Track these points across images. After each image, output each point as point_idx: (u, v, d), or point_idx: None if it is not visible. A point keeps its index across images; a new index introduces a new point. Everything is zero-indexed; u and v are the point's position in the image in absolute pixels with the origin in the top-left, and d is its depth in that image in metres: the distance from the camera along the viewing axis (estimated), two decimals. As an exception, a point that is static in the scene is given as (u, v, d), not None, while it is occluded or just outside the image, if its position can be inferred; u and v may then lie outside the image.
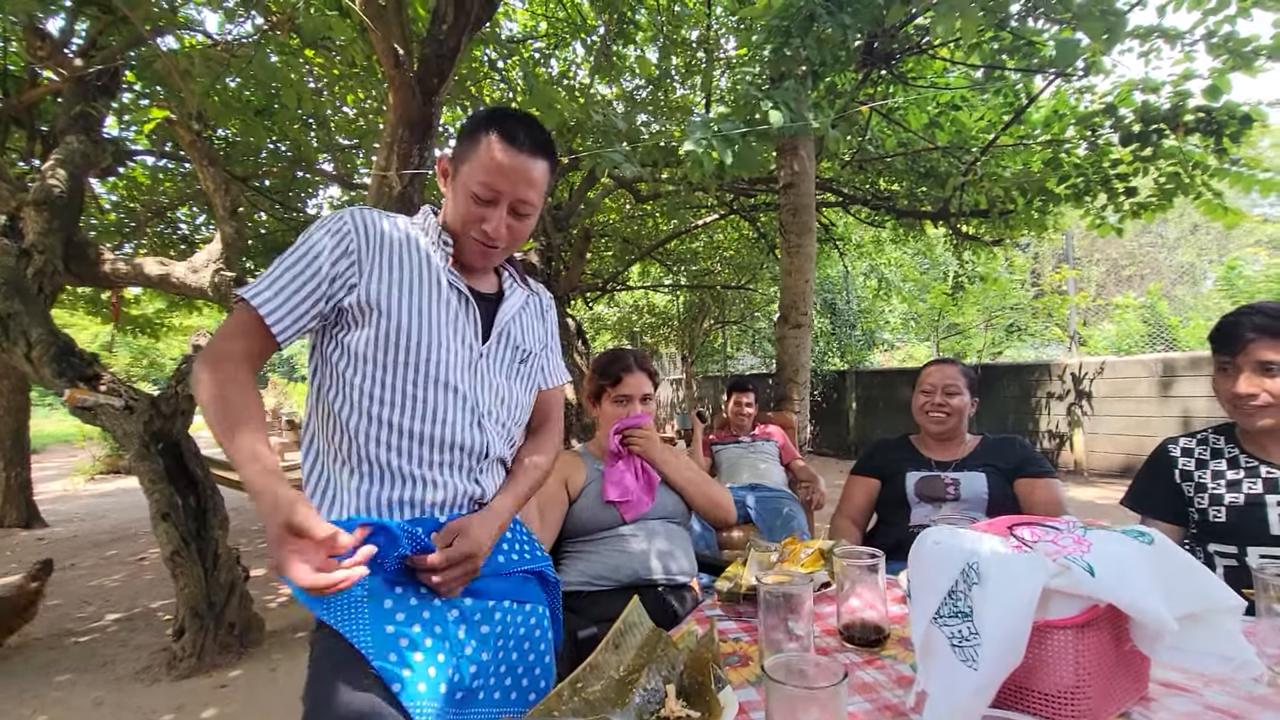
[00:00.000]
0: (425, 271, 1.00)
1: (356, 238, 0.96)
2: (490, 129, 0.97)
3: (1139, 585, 0.69)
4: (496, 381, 1.06)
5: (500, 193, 0.97)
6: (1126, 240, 15.30)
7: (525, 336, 1.13)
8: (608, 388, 1.65)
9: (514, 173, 0.97)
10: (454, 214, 1.02)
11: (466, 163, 0.98)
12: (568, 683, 0.80)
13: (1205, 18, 2.98)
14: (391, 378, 0.96)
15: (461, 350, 1.01)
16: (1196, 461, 1.43)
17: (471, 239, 1.01)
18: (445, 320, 1.00)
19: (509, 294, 1.12)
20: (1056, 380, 6.80)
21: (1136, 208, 3.98)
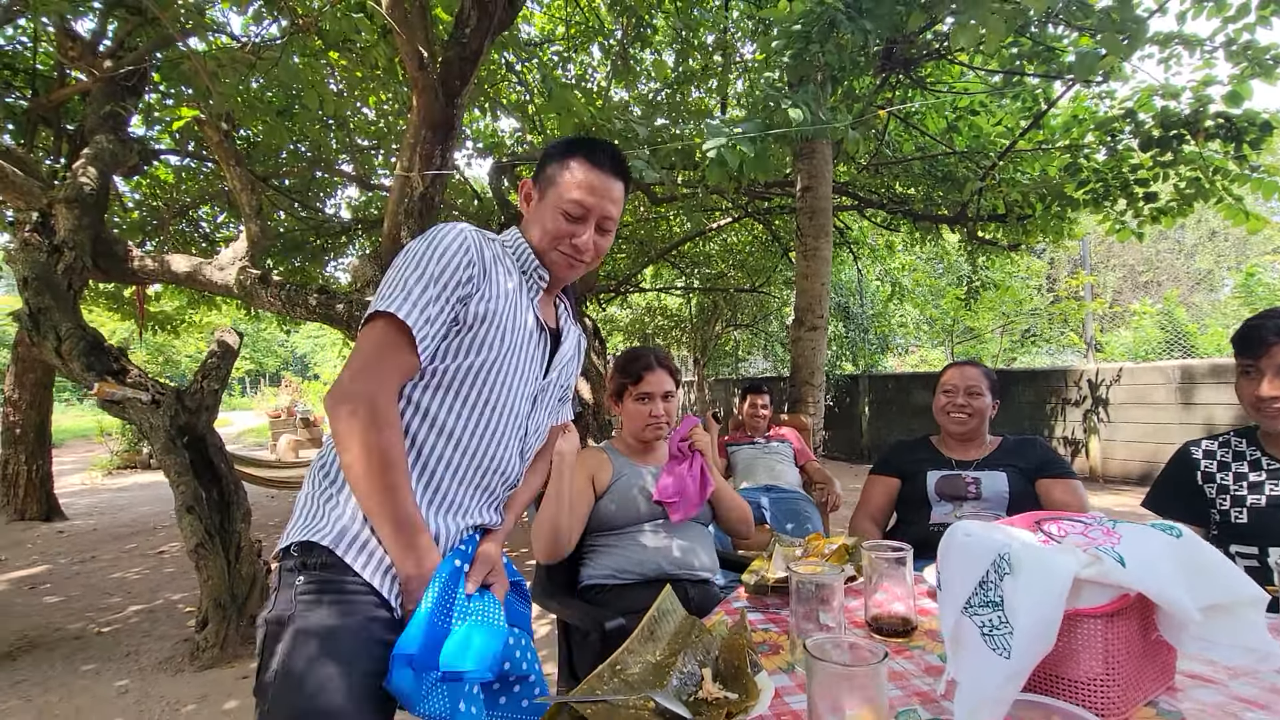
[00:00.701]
0: (519, 297, 1.05)
1: (478, 256, 0.98)
2: (578, 153, 1.05)
3: (1166, 576, 0.71)
4: (541, 416, 1.12)
5: (589, 210, 1.04)
6: (1144, 246, 15.18)
7: (570, 375, 1.20)
8: (630, 386, 1.68)
9: (602, 191, 1.04)
10: (542, 232, 1.05)
11: (555, 185, 1.05)
12: (607, 665, 0.82)
13: (1225, 25, 2.98)
14: (476, 394, 0.98)
15: (531, 378, 1.06)
16: (1218, 463, 1.44)
17: (560, 254, 1.06)
18: (526, 347, 1.04)
19: (565, 331, 1.16)
20: (1073, 387, 6.76)
21: (1156, 213, 3.96)
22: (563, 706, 0.74)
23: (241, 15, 4.84)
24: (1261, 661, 0.79)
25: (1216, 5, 3.07)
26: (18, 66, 4.87)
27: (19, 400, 5.97)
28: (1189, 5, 3.10)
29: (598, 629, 1.33)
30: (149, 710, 2.43)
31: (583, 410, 3.37)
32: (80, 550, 4.95)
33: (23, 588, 4.04)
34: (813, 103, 2.82)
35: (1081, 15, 3.19)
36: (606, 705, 0.72)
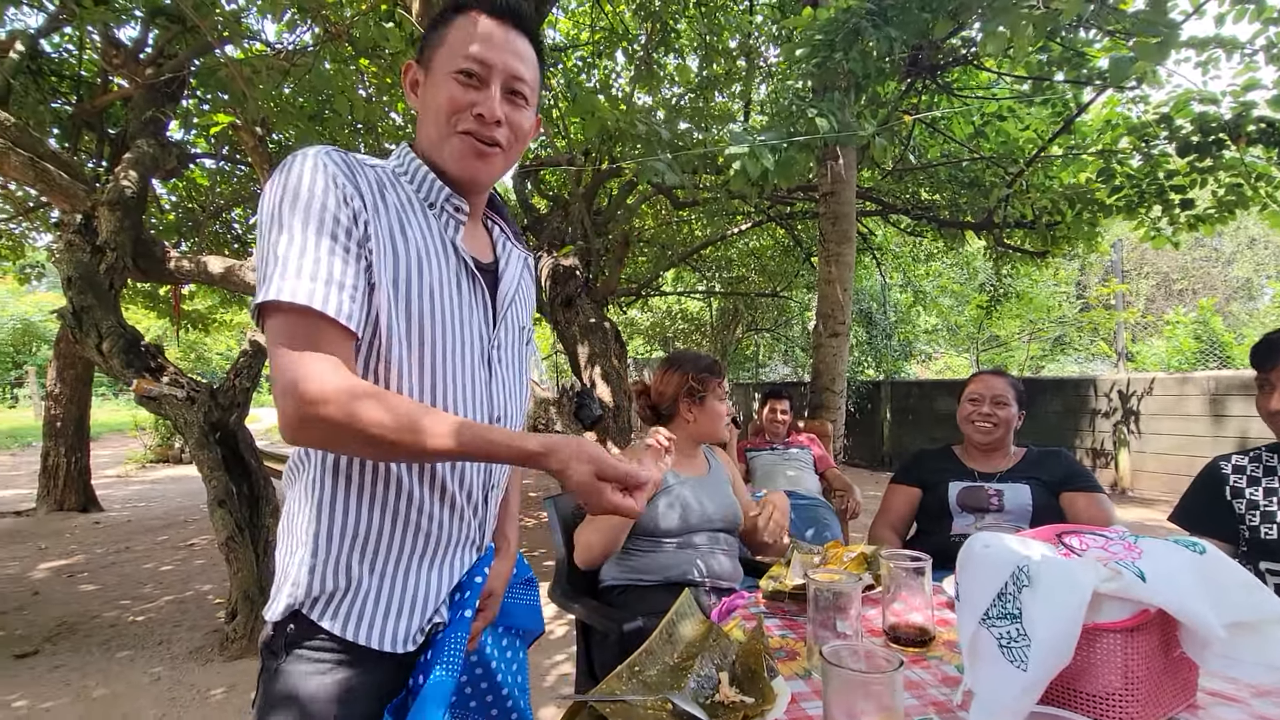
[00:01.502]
0: (429, 237, 0.79)
1: (351, 184, 0.73)
2: (466, 8, 0.80)
3: (1189, 592, 0.71)
4: (507, 377, 0.88)
5: (490, 66, 0.78)
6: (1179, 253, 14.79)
7: (525, 313, 0.95)
8: (716, 385, 1.68)
9: (503, 43, 0.79)
10: (434, 120, 0.80)
11: (440, 48, 0.80)
12: (626, 666, 0.84)
13: (1266, 28, 2.91)
14: (410, 379, 0.76)
15: (474, 343, 0.82)
16: (1248, 479, 1.41)
17: (462, 137, 0.79)
18: (456, 305, 0.80)
19: (505, 260, 0.91)
20: (1103, 397, 6.62)
21: (1194, 220, 3.87)
22: (583, 705, 0.76)
23: (276, 23, 4.97)
24: (1288, 681, 0.78)
25: (1257, 8, 3.00)
26: (64, 73, 5.06)
27: (60, 395, 6.18)
28: (1228, 8, 3.03)
29: (616, 630, 1.35)
30: (180, 697, 2.50)
31: (602, 413, 3.40)
32: (115, 541, 5.11)
33: (62, 576, 4.18)
34: (837, 110, 2.81)
35: (1113, 20, 3.14)
36: (625, 705, 0.74)
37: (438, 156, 0.82)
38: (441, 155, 0.81)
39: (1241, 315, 13.34)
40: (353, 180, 0.73)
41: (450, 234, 0.81)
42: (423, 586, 0.79)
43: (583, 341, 3.79)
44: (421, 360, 0.76)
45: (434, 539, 0.80)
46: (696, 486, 1.65)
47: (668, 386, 1.70)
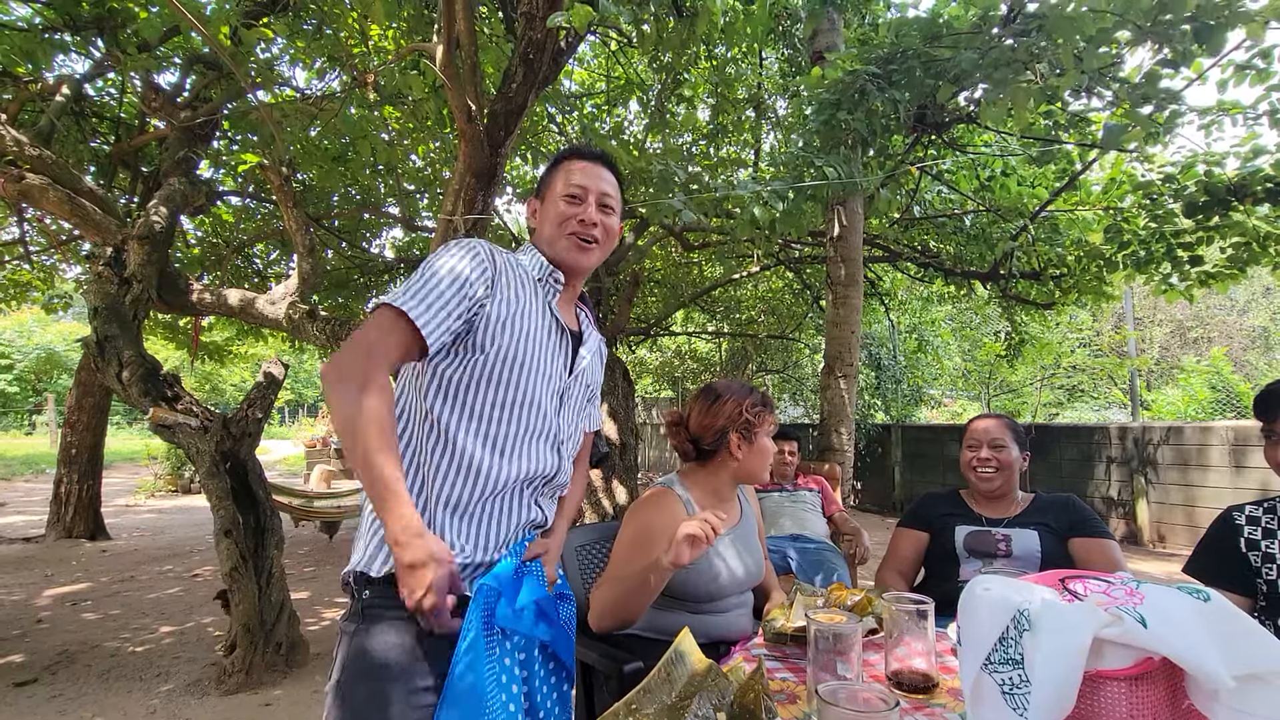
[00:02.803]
0: (535, 302, 1.13)
1: (490, 263, 1.08)
2: (566, 158, 1.20)
3: (1193, 638, 0.70)
4: (571, 413, 1.18)
5: (586, 189, 1.16)
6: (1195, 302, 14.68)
7: (594, 375, 1.27)
8: (769, 420, 1.53)
9: (595, 174, 1.17)
10: (549, 228, 1.16)
11: (553, 186, 1.18)
12: (623, 704, 0.83)
13: (1269, 94, 2.97)
14: (499, 393, 1.05)
15: (555, 376, 1.13)
16: (1263, 530, 1.38)
17: (570, 238, 1.15)
18: (547, 348, 1.12)
19: (587, 335, 1.24)
20: (1118, 445, 6.51)
21: (1205, 276, 3.86)
22: (578, 742, 0.75)
23: (307, 71, 5.21)
24: (1302, 738, 0.76)
25: (1259, 75, 3.07)
26: (104, 115, 5.31)
27: (77, 422, 6.27)
28: (1230, 74, 3.11)
29: (616, 671, 1.33)
30: (174, 733, 2.46)
31: (609, 451, 3.40)
32: (121, 570, 5.10)
33: (65, 604, 4.17)
34: (844, 164, 2.88)
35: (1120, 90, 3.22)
36: (621, 743, 0.74)
37: (552, 251, 1.17)
38: (556, 249, 1.16)
39: (1260, 365, 13.17)
40: (491, 258, 1.08)
41: (549, 299, 1.16)
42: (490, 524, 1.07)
43: (592, 379, 3.82)
44: (513, 373, 1.06)
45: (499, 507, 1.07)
46: (731, 542, 1.51)
47: (715, 419, 1.52)
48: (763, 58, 5.40)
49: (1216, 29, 2.06)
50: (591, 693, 1.54)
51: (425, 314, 0.98)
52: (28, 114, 4.63)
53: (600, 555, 1.80)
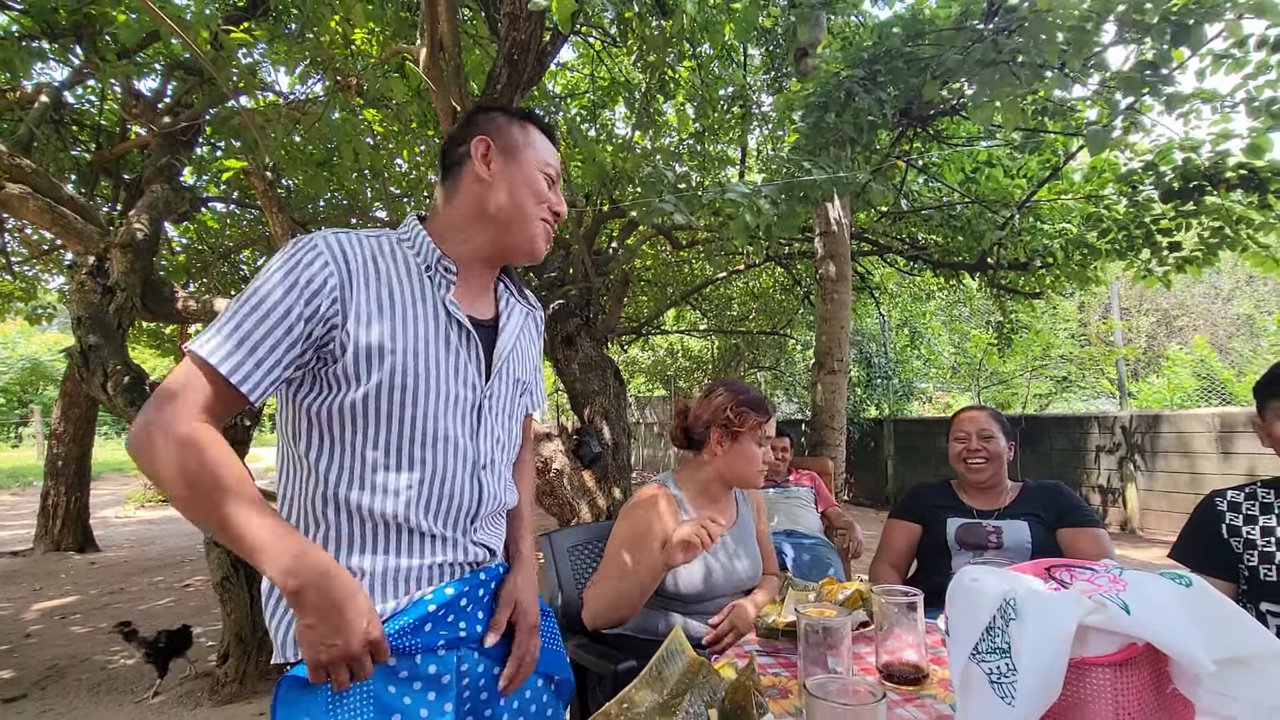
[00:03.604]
0: (421, 304, 0.89)
1: (338, 268, 0.83)
2: (530, 122, 1.00)
3: (1175, 624, 0.71)
4: (496, 426, 0.97)
5: (557, 172, 1.00)
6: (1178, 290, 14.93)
7: (523, 365, 1.04)
8: (759, 423, 1.50)
9: (554, 154, 1.01)
10: (522, 196, 0.95)
11: (529, 148, 0.97)
12: (614, 702, 0.84)
13: (1245, 82, 3.01)
14: (386, 434, 0.84)
15: (464, 394, 0.91)
16: (1245, 517, 1.39)
17: (541, 222, 0.97)
18: (445, 361, 0.89)
19: (507, 316, 1.02)
20: (1106, 434, 6.58)
21: (1181, 261, 3.93)
22: (570, 742, 0.75)
23: (290, 75, 5.18)
24: (1284, 719, 0.77)
25: (1235, 63, 3.11)
26: (84, 122, 5.25)
27: (64, 434, 6.20)
28: (1208, 63, 3.14)
29: (610, 671, 1.33)
30: (167, 745, 2.44)
31: (601, 451, 3.40)
32: (110, 581, 5.04)
33: (54, 617, 4.12)
34: (833, 165, 2.89)
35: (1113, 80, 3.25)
36: (612, 742, 0.74)
37: (511, 230, 0.96)
38: (520, 231, 0.96)
39: (1245, 352, 13.33)
40: (339, 260, 0.84)
41: (442, 293, 0.91)
42: None
43: (582, 379, 3.81)
44: (402, 408, 0.85)
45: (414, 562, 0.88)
46: (724, 544, 1.50)
47: (704, 410, 1.55)
48: (746, 54, 5.41)
49: (1195, 27, 2.09)
50: (585, 693, 1.54)
51: (237, 361, 0.76)
52: (6, 123, 4.58)
53: (593, 555, 1.80)
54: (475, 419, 0.93)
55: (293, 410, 0.86)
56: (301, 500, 0.85)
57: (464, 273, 0.95)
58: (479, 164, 0.94)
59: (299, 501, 0.86)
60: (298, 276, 0.81)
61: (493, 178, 0.94)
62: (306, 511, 0.85)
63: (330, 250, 0.84)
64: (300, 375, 0.85)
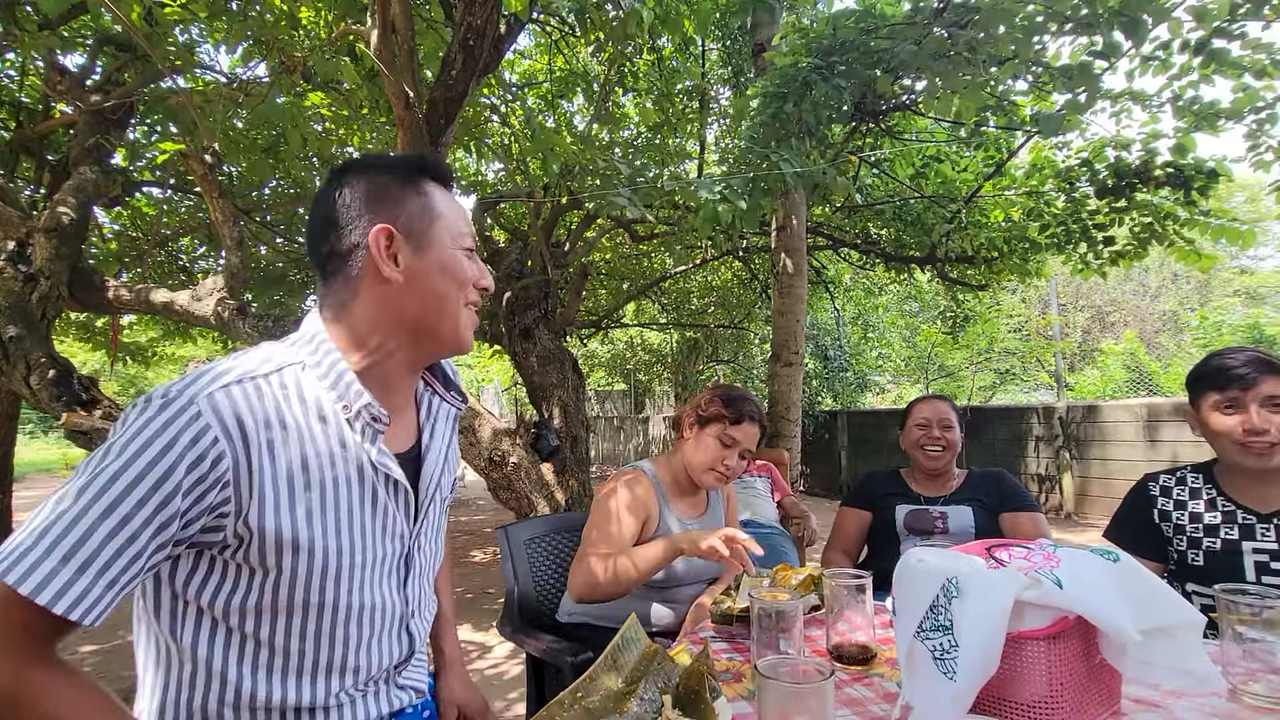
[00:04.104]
0: (342, 464, 0.72)
1: (230, 448, 0.64)
2: (426, 177, 0.80)
3: (1103, 597, 0.75)
4: (425, 561, 0.86)
5: (474, 238, 0.83)
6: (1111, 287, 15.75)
7: (449, 469, 0.91)
8: (727, 422, 1.50)
9: (465, 212, 0.83)
10: (446, 293, 0.77)
11: (439, 221, 0.78)
12: (568, 692, 0.83)
13: (1170, 83, 3.18)
14: (303, 622, 0.71)
15: (393, 551, 0.79)
16: (1175, 502, 1.44)
17: (468, 309, 0.80)
18: (372, 526, 0.75)
19: (430, 432, 0.87)
20: (1044, 424, 6.89)
21: (1115, 255, 4.15)
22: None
23: (231, 55, 4.94)
24: (1201, 684, 0.82)
25: (1162, 64, 3.29)
26: (2, 99, 4.90)
27: (-19, 432, 5.80)
28: (1136, 64, 3.31)
29: (566, 664, 1.32)
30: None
31: (559, 444, 3.38)
32: (36, 589, 4.75)
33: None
34: (793, 156, 2.94)
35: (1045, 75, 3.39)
36: (565, 731, 0.73)
37: (437, 331, 0.78)
38: (445, 326, 0.78)
39: (1170, 347, 14.17)
40: (233, 438, 0.64)
41: (368, 447, 0.75)
42: None
43: (540, 372, 3.78)
44: (322, 592, 0.71)
45: None
46: None
47: (696, 400, 1.59)
48: (705, 49, 5.43)
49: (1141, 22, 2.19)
50: (542, 686, 1.53)
51: (63, 583, 0.57)
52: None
53: (552, 547, 1.79)
54: (404, 569, 0.81)
55: (169, 593, 0.68)
56: (185, 705, 0.70)
57: (384, 395, 0.78)
58: (382, 262, 0.74)
59: (180, 707, 0.70)
60: (170, 464, 0.60)
61: (404, 275, 0.75)
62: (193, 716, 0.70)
63: (219, 419, 0.63)
64: (177, 554, 0.66)
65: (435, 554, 0.90)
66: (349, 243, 0.75)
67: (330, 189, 0.78)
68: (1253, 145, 3.32)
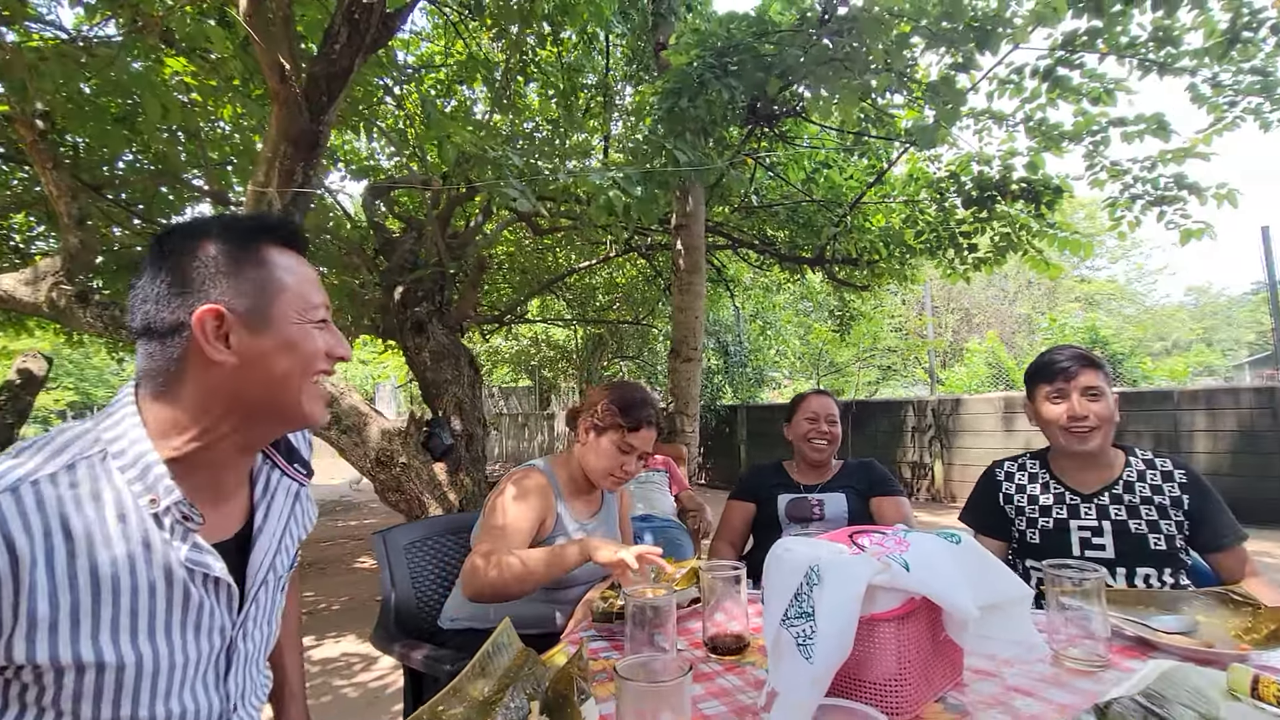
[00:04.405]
0: (145, 568, 0.65)
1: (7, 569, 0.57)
2: (265, 238, 0.73)
3: (946, 578, 0.80)
4: (254, 647, 0.80)
5: (326, 305, 0.76)
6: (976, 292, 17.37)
7: (289, 550, 0.85)
8: (623, 429, 1.47)
9: (313, 276, 0.76)
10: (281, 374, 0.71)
11: (281, 295, 0.71)
12: (427, 708, 0.78)
13: (1023, 104, 3.52)
14: None
15: (209, 649, 0.72)
16: (1016, 486, 1.60)
17: (315, 381, 0.74)
18: (181, 630, 0.69)
19: (264, 512, 0.80)
20: (919, 416, 7.48)
21: (978, 261, 4.56)
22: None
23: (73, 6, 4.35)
24: (1029, 651, 0.90)
25: (1015, 88, 3.63)
26: None
27: None
28: (995, 87, 3.64)
29: (444, 674, 1.26)
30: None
31: (454, 443, 3.25)
32: None
33: None
34: (690, 151, 2.99)
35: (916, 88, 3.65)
36: (419, 749, 0.69)
37: (277, 413, 0.72)
38: (288, 406, 0.72)
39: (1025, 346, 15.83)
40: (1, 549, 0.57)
41: (178, 547, 0.67)
42: None
43: (434, 368, 3.62)
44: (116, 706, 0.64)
45: None
46: (589, 532, 1.52)
47: (589, 399, 1.54)
48: (609, 45, 5.42)
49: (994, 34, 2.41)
50: (420, 698, 1.46)
51: None
52: None
53: (434, 551, 1.71)
54: (225, 662, 0.75)
55: None
56: None
57: (211, 479, 0.72)
58: (210, 346, 0.67)
59: None
60: None
61: (238, 358, 0.68)
62: None
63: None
64: None
65: (267, 636, 0.83)
66: (171, 321, 0.67)
67: (153, 257, 0.69)
68: (1090, 165, 3.75)
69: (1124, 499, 1.45)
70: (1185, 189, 3.50)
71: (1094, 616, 0.95)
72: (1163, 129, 3.31)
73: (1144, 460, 1.49)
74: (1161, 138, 3.34)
